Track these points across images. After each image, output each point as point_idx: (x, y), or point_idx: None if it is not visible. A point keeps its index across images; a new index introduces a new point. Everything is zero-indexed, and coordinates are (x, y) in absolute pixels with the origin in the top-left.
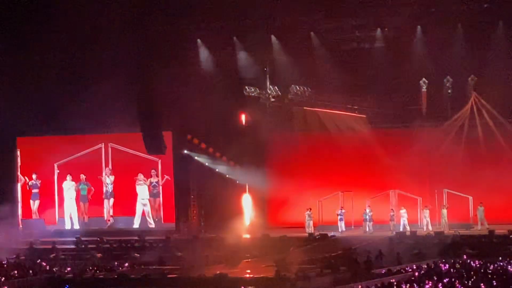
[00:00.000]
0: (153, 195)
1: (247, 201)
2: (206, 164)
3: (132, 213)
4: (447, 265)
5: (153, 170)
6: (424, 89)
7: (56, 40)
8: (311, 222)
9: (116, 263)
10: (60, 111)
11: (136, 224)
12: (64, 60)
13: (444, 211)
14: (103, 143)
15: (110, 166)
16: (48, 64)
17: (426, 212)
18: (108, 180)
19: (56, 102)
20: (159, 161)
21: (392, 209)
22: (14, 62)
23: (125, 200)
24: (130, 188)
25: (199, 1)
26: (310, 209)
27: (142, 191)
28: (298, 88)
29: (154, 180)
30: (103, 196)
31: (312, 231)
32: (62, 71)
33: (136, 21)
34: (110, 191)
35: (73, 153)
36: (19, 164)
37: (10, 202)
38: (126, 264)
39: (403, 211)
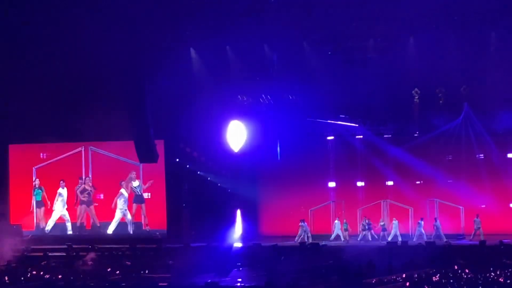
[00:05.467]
0: (136, 200)
1: (239, 210)
2: (198, 172)
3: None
4: (438, 275)
5: (132, 172)
6: (416, 99)
7: (50, 48)
8: (307, 233)
9: (107, 270)
10: (51, 119)
11: (110, 230)
12: (56, 68)
13: (437, 223)
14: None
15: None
16: (40, 71)
17: (421, 224)
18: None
19: (48, 110)
20: (140, 166)
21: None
22: (6, 69)
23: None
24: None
25: (191, 10)
26: (303, 220)
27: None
28: (291, 97)
29: (135, 184)
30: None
31: (306, 240)
32: (55, 79)
33: (129, 29)
34: (140, 194)
35: (68, 171)
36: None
37: (1, 208)
38: (117, 272)
39: (395, 222)
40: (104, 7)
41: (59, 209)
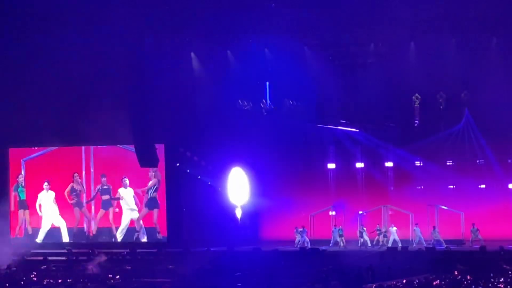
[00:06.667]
0: (149, 204)
1: (239, 214)
2: (199, 177)
3: None
4: (438, 281)
5: (152, 172)
6: (416, 104)
7: (51, 52)
8: (305, 239)
9: (108, 275)
10: (51, 122)
11: (119, 238)
12: (57, 71)
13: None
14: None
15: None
16: (41, 74)
17: (418, 230)
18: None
19: (48, 114)
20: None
21: (383, 225)
22: (6, 72)
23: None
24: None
25: (193, 15)
26: (303, 226)
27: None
28: (291, 102)
29: (150, 183)
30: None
31: (305, 245)
32: (56, 82)
33: (130, 34)
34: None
35: (63, 165)
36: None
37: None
38: (118, 277)
39: (393, 229)
40: (107, 12)
41: (48, 216)
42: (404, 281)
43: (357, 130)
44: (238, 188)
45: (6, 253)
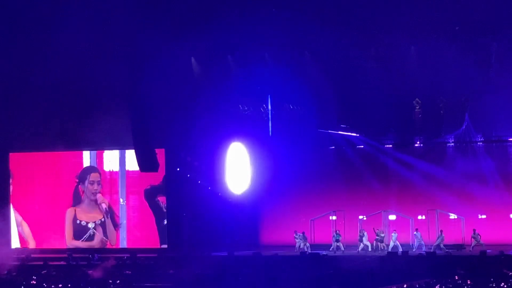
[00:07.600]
0: None
1: (240, 219)
2: (199, 181)
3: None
4: (438, 285)
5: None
6: (417, 108)
7: (52, 56)
8: (306, 243)
9: (108, 280)
10: (51, 127)
11: None
12: (58, 76)
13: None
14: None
15: None
16: (41, 79)
17: (418, 234)
18: None
19: (48, 119)
20: None
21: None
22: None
23: None
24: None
25: (193, 20)
26: (304, 232)
27: None
28: (292, 107)
29: None
30: None
31: (305, 250)
32: (56, 87)
33: (131, 38)
34: None
35: (65, 170)
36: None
37: (1, 217)
38: (118, 281)
39: (394, 235)
40: (107, 17)
41: None
42: (405, 286)
43: (357, 135)
44: (237, 170)
45: (6, 257)
